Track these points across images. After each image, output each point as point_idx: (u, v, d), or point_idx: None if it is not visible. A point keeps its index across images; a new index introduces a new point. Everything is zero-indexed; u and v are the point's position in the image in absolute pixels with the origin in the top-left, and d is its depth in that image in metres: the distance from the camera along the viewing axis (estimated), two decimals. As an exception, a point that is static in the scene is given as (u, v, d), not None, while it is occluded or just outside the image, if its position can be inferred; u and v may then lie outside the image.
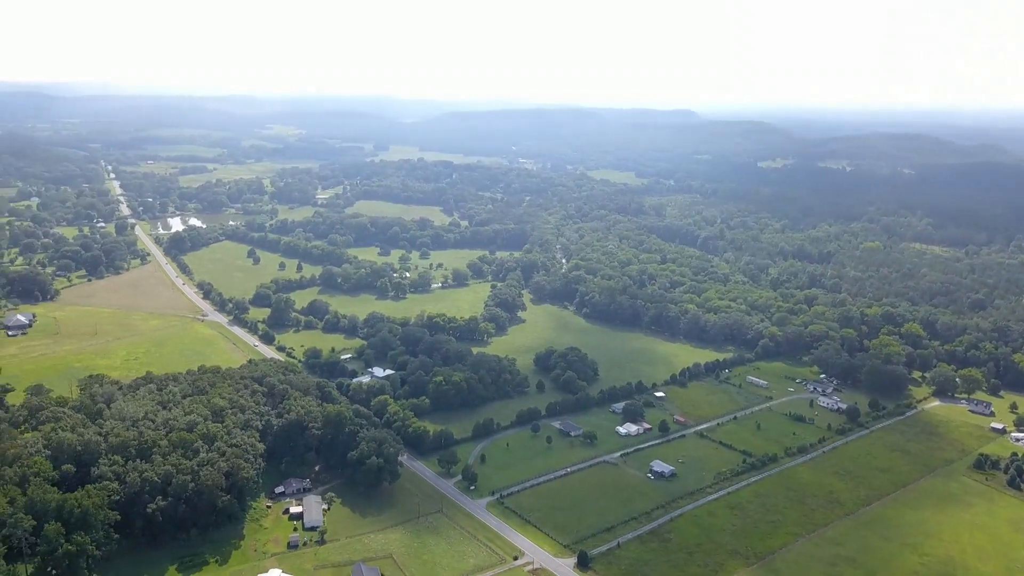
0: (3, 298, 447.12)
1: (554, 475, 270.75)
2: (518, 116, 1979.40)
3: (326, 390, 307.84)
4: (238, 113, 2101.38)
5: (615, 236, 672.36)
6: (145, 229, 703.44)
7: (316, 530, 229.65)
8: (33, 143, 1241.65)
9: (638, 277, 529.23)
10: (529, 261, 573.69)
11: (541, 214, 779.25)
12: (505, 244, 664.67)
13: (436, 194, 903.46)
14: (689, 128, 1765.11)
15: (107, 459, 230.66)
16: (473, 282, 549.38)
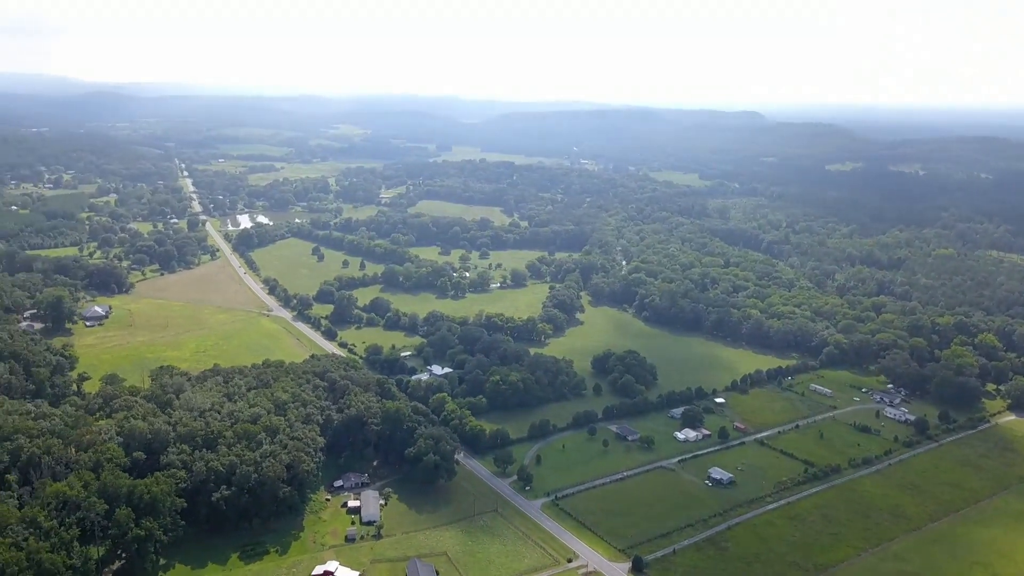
0: (82, 290, 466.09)
1: (610, 479, 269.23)
2: (580, 117, 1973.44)
3: (386, 386, 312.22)
4: (306, 113, 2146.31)
5: (677, 238, 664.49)
6: (215, 226, 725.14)
7: (373, 524, 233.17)
8: (113, 142, 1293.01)
9: (700, 281, 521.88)
10: (588, 262, 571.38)
11: (601, 215, 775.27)
12: (564, 245, 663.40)
13: (497, 194, 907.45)
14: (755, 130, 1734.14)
15: (175, 448, 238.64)
16: (531, 283, 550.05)
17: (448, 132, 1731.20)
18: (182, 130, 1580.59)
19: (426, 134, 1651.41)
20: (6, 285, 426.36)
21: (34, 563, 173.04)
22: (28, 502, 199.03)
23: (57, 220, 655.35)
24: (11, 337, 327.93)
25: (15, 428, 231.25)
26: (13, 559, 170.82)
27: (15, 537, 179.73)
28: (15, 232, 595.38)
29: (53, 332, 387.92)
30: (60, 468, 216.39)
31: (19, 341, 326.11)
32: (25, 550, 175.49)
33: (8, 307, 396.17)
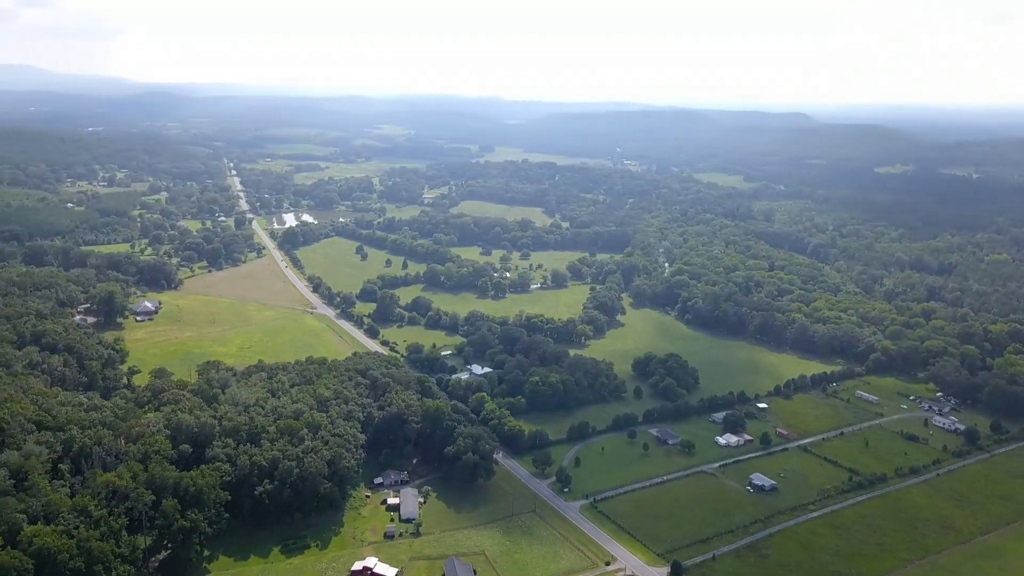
0: (133, 286, 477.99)
1: (649, 482, 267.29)
2: (624, 118, 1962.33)
3: (426, 385, 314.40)
4: (352, 113, 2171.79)
5: (721, 241, 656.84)
6: (261, 224, 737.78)
7: (412, 522, 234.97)
8: (164, 141, 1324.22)
9: (744, 284, 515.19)
10: (630, 264, 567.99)
11: (644, 216, 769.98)
12: (606, 246, 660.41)
13: (538, 195, 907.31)
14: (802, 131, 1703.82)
15: (220, 442, 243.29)
16: (572, 284, 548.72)
17: (491, 132, 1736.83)
18: (231, 130, 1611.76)
19: (469, 134, 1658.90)
20: (61, 280, 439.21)
21: (84, 551, 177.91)
22: (79, 491, 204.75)
23: (110, 217, 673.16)
24: (65, 330, 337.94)
25: (68, 419, 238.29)
26: (64, 546, 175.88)
27: (66, 525, 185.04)
28: (71, 229, 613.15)
29: (105, 326, 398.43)
30: (110, 459, 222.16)
31: (73, 334, 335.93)
32: (76, 538, 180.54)
33: (63, 301, 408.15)
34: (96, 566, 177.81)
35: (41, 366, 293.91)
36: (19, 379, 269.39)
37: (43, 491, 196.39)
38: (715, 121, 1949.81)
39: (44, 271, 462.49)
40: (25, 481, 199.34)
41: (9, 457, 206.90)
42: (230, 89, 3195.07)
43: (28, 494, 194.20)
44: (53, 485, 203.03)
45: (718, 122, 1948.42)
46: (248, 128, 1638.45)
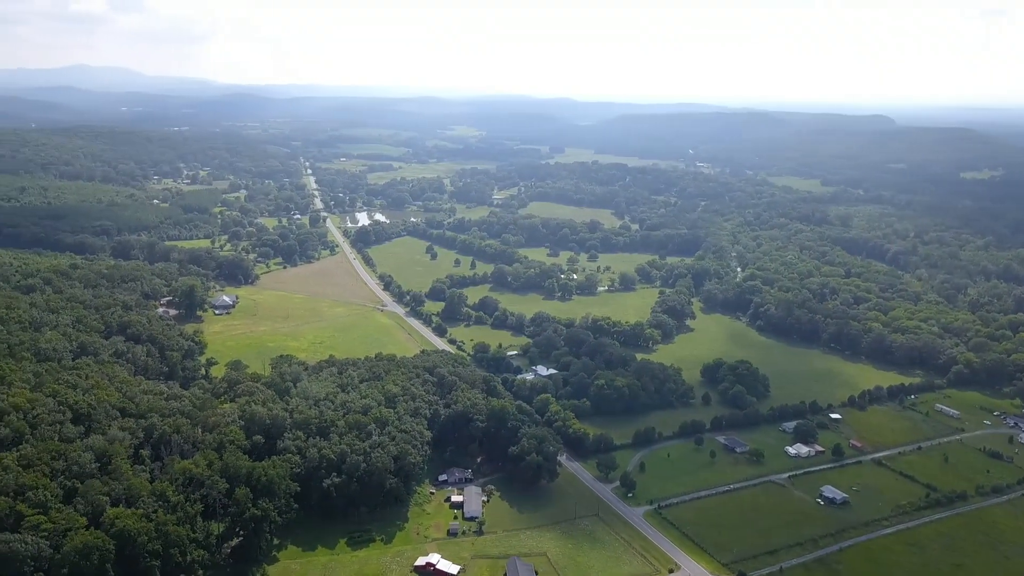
0: (212, 280, 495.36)
1: (716, 490, 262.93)
2: (697, 119, 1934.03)
3: (491, 384, 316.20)
4: (425, 114, 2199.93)
5: (795, 246, 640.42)
6: (335, 222, 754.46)
7: (475, 520, 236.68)
8: (245, 140, 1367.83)
9: (819, 290, 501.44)
10: (701, 268, 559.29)
11: (716, 220, 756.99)
12: (676, 249, 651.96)
13: (608, 197, 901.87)
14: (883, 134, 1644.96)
15: (291, 434, 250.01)
16: (641, 287, 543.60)
17: (562, 134, 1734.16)
18: (308, 130, 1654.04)
19: (540, 136, 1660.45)
20: (146, 273, 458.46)
21: (162, 534, 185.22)
22: (158, 477, 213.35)
23: (192, 214, 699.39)
24: (149, 322, 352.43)
25: (150, 407, 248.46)
26: (144, 529, 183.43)
27: (146, 508, 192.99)
28: (156, 224, 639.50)
29: (185, 319, 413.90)
30: (187, 447, 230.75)
31: (156, 326, 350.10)
32: (154, 521, 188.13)
33: (147, 294, 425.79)
34: (173, 549, 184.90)
35: (126, 355, 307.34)
36: (105, 367, 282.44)
37: (125, 475, 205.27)
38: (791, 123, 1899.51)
39: (130, 264, 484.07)
40: (109, 465, 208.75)
41: (95, 441, 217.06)
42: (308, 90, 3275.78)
43: (111, 477, 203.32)
44: (134, 470, 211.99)
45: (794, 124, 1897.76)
46: (324, 128, 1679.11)
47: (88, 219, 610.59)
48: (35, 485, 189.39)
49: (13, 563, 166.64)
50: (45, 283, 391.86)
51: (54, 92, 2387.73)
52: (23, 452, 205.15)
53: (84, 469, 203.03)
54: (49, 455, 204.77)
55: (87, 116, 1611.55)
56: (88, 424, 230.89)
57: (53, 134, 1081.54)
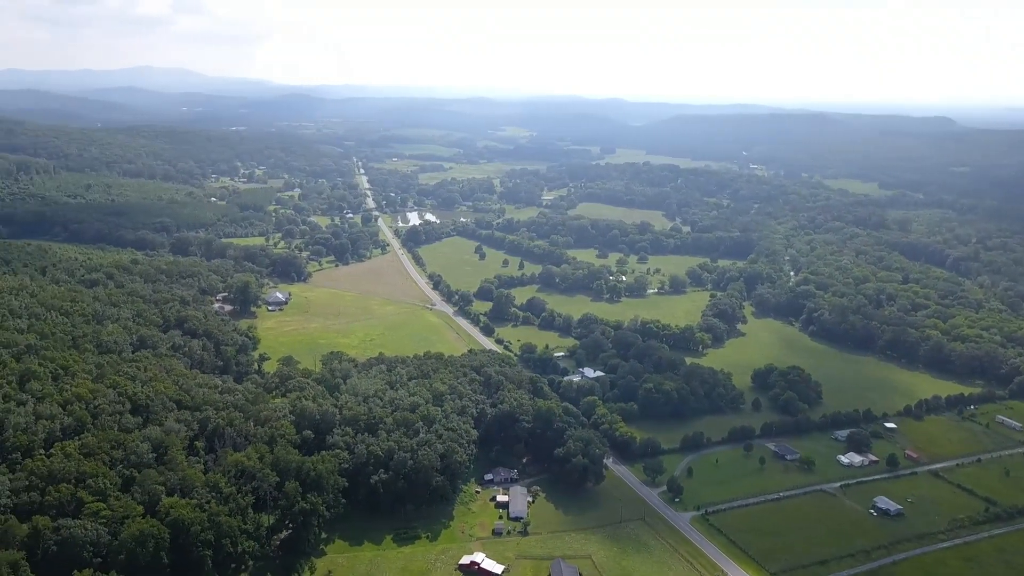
0: (266, 277, 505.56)
1: (765, 498, 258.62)
2: (750, 120, 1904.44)
3: (538, 385, 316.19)
4: (476, 114, 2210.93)
5: (851, 250, 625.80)
6: (386, 221, 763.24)
7: (520, 521, 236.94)
8: (299, 140, 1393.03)
9: (874, 296, 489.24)
10: (753, 271, 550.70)
11: (770, 223, 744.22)
12: (728, 252, 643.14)
13: (659, 198, 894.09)
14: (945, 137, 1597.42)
15: (340, 430, 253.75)
16: (691, 290, 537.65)
17: (613, 134, 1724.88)
18: (361, 130, 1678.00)
19: (590, 136, 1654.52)
20: (203, 270, 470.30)
21: (214, 524, 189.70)
22: (212, 468, 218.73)
23: (248, 212, 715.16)
24: (205, 317, 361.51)
25: (205, 400, 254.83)
26: (197, 519, 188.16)
27: (199, 499, 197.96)
28: (213, 222, 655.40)
29: (240, 314, 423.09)
30: (240, 440, 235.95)
31: (212, 321, 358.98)
32: (207, 511, 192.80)
33: (204, 289, 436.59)
34: (224, 539, 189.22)
35: (183, 349, 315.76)
36: (163, 360, 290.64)
37: (180, 466, 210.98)
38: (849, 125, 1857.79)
39: (188, 261, 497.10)
40: (165, 456, 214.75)
41: (152, 432, 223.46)
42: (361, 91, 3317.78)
43: (167, 468, 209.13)
44: (189, 461, 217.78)
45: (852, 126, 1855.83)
46: (377, 128, 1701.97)
47: (149, 216, 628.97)
48: (95, 473, 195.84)
49: (73, 548, 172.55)
50: (108, 278, 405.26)
51: (119, 93, 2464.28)
52: (85, 441, 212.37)
53: (142, 459, 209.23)
54: (109, 444, 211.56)
55: (149, 116, 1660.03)
56: (146, 415, 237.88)
57: (117, 133, 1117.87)
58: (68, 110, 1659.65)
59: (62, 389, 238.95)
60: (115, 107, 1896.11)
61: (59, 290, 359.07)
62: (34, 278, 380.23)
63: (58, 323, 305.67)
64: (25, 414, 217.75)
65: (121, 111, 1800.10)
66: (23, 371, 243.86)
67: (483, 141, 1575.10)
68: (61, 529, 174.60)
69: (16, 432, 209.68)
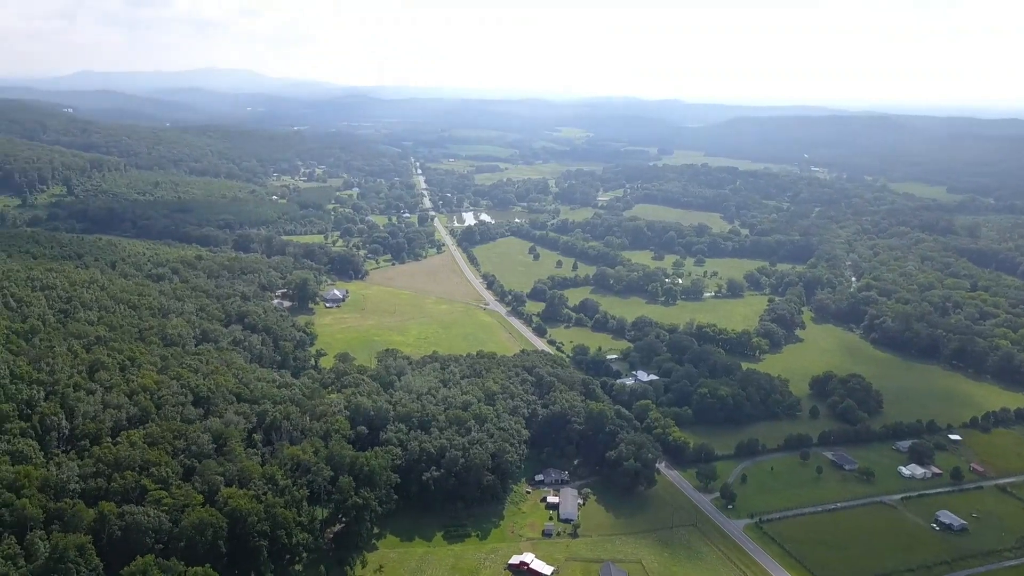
0: (324, 274, 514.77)
1: (822, 508, 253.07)
2: (812, 122, 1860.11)
3: (590, 387, 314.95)
4: (532, 115, 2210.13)
5: (916, 256, 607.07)
6: (442, 221, 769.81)
7: (570, 523, 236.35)
8: (358, 140, 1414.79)
9: (940, 304, 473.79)
10: (813, 276, 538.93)
11: (831, 227, 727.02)
12: (787, 256, 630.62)
13: (717, 200, 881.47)
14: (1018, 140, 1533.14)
15: (394, 426, 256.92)
16: (749, 294, 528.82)
17: (670, 136, 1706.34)
18: (418, 130, 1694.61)
19: (647, 137, 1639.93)
20: (264, 266, 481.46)
21: (270, 515, 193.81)
22: (269, 461, 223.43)
23: (308, 210, 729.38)
24: (265, 312, 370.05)
25: (263, 394, 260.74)
26: (254, 509, 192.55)
27: (256, 490, 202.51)
28: (274, 219, 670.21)
29: (298, 310, 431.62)
30: (296, 433, 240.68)
31: (271, 316, 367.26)
32: (264, 503, 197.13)
33: (264, 285, 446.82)
34: (280, 531, 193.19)
35: (243, 343, 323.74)
36: (224, 354, 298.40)
37: (239, 457, 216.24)
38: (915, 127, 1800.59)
39: (249, 257, 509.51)
40: (224, 447, 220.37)
41: (213, 424, 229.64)
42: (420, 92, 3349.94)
43: (226, 459, 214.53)
44: (247, 453, 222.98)
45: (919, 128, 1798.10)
46: (435, 129, 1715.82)
47: (213, 213, 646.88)
48: (158, 462, 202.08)
49: (137, 533, 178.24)
50: (173, 272, 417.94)
51: (186, 93, 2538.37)
52: (149, 430, 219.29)
53: (202, 449, 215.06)
54: (171, 434, 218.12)
55: (215, 116, 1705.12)
56: (207, 407, 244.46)
57: (184, 132, 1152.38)
58: (139, 110, 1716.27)
59: (129, 380, 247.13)
60: (183, 107, 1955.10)
61: (128, 284, 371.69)
62: (104, 272, 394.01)
63: (126, 316, 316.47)
64: (94, 403, 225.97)
65: (188, 111, 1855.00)
66: (93, 361, 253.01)
67: (539, 142, 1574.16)
68: (125, 515, 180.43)
69: (85, 420, 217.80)
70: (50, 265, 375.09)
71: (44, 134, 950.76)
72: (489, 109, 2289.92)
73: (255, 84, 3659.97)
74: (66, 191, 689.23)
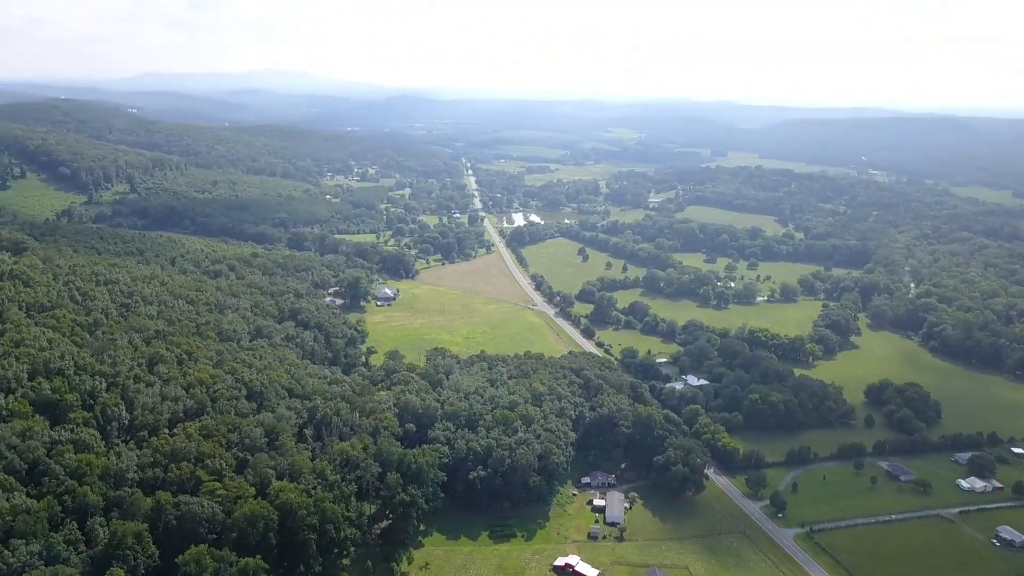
0: (375, 273, 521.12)
1: (876, 519, 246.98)
2: (871, 125, 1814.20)
3: (638, 390, 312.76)
4: (583, 116, 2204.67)
5: (979, 262, 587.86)
6: (492, 222, 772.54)
7: (616, 526, 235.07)
8: (411, 141, 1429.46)
9: (1004, 312, 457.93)
10: (870, 282, 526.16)
11: (889, 231, 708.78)
12: (843, 261, 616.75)
13: (771, 203, 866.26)
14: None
15: (441, 424, 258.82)
16: (802, 299, 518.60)
17: (723, 137, 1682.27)
18: (470, 131, 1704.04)
19: (700, 139, 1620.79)
20: (317, 264, 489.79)
21: (319, 510, 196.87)
22: (319, 456, 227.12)
23: (360, 209, 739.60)
24: (317, 310, 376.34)
25: (314, 390, 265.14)
26: (304, 503, 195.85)
27: (306, 484, 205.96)
28: (327, 218, 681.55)
29: (350, 308, 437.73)
30: (346, 429, 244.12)
31: (323, 314, 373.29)
32: (313, 497, 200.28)
33: (317, 283, 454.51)
34: (328, 525, 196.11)
35: (295, 340, 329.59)
36: (277, 350, 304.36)
37: (290, 451, 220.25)
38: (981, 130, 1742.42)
39: (303, 255, 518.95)
40: (276, 441, 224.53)
41: (265, 418, 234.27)
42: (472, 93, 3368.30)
43: (278, 452, 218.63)
44: (298, 447, 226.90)
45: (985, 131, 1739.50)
46: (486, 130, 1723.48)
47: (268, 211, 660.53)
48: (213, 454, 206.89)
49: (191, 523, 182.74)
50: (229, 269, 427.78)
51: (245, 94, 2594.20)
52: (204, 423, 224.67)
53: (255, 443, 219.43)
54: (226, 427, 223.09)
55: (272, 116, 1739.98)
56: (260, 401, 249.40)
57: (242, 132, 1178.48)
58: (199, 110, 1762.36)
59: (186, 373, 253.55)
60: (241, 107, 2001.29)
61: (186, 280, 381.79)
62: (164, 268, 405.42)
63: (184, 311, 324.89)
64: (152, 395, 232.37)
65: (246, 111, 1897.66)
66: (152, 354, 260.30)
67: (590, 143, 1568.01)
68: (181, 505, 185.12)
69: (144, 411, 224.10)
70: (113, 260, 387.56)
71: (110, 134, 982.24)
72: (540, 110, 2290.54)
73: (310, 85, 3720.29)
74: (129, 189, 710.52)
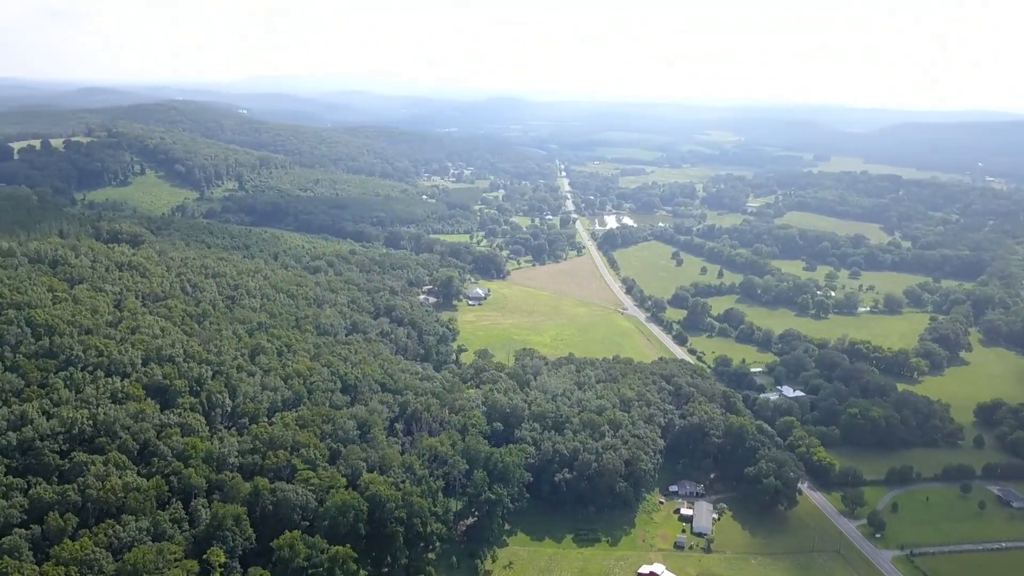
0: (468, 273, 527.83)
1: (984, 546, 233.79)
2: (988, 129, 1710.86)
3: (731, 400, 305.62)
4: (679, 119, 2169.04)
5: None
6: (584, 224, 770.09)
7: (703, 537, 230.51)
8: (506, 142, 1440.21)
9: None
10: (983, 295, 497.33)
11: (1006, 242, 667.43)
12: (954, 272, 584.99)
13: (877, 210, 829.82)
14: None
15: (528, 425, 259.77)
16: (908, 311, 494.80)
17: (827, 141, 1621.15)
18: (564, 133, 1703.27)
19: (802, 143, 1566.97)
20: (412, 263, 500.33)
21: (407, 503, 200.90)
22: (408, 450, 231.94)
23: (455, 210, 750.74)
24: (411, 307, 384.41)
25: (406, 385, 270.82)
26: (392, 496, 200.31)
27: (395, 478, 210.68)
28: (423, 218, 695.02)
29: (442, 307, 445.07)
30: (435, 425, 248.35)
31: (417, 311, 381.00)
32: (402, 490, 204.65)
33: (411, 281, 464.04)
34: (415, 519, 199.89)
35: (389, 336, 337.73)
36: (372, 345, 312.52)
37: (381, 445, 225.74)
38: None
39: (399, 254, 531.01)
40: (368, 434, 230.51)
41: (358, 411, 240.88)
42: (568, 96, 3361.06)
43: (369, 445, 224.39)
44: (388, 441, 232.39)
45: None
46: (580, 132, 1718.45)
47: (367, 210, 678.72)
48: (308, 444, 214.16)
49: (286, 509, 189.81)
50: (328, 265, 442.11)
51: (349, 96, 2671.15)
52: (301, 413, 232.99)
53: (347, 435, 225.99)
54: (321, 418, 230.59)
55: (372, 117, 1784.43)
56: (353, 395, 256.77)
57: (343, 133, 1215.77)
58: (304, 111, 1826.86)
59: (285, 364, 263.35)
60: (344, 108, 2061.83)
61: (287, 274, 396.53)
62: (268, 262, 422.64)
63: (285, 304, 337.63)
64: (254, 384, 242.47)
65: (348, 112, 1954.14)
66: (254, 346, 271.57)
67: (687, 146, 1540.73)
68: (277, 491, 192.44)
69: (246, 400, 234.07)
70: (221, 254, 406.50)
71: (221, 133, 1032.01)
72: (637, 112, 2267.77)
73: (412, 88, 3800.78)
74: (238, 186, 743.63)
